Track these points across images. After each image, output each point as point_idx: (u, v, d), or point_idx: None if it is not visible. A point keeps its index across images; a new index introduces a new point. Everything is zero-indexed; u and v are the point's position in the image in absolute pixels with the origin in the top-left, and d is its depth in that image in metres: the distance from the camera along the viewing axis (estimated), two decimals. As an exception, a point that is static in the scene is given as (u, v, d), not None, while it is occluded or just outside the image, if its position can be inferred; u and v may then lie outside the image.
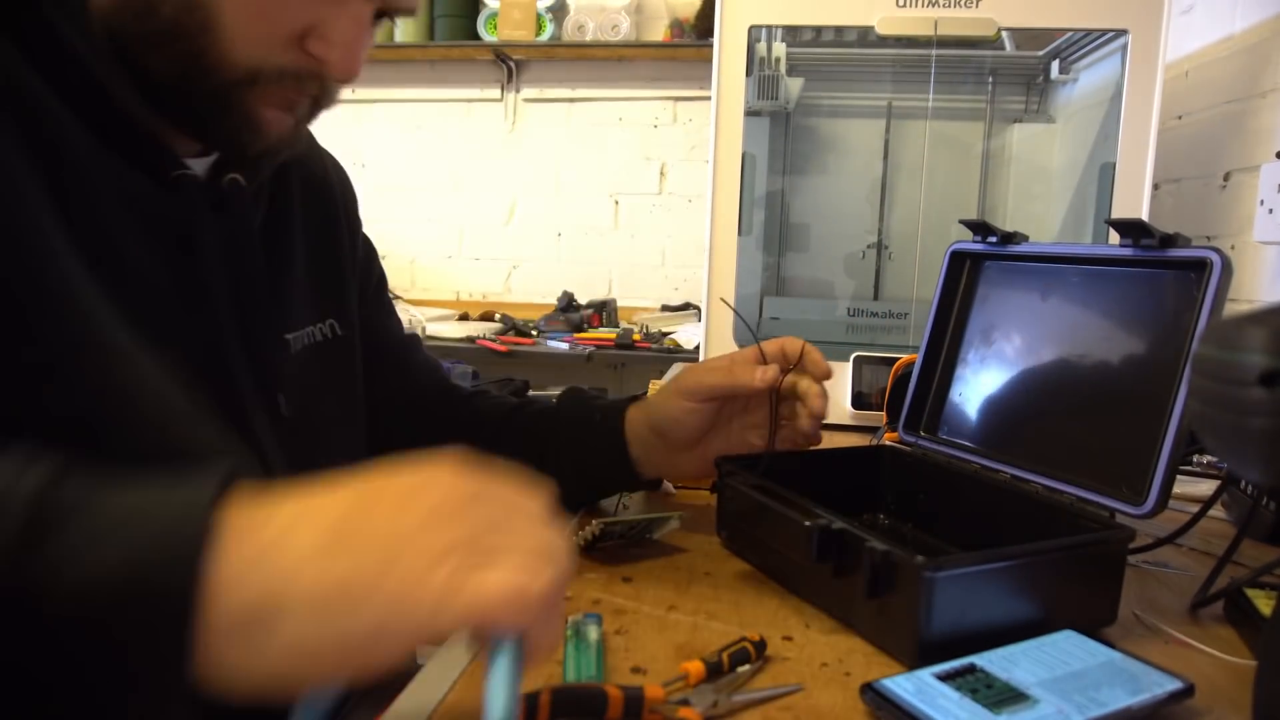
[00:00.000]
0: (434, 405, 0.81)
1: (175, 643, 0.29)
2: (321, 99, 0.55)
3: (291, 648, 0.30)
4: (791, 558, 0.60)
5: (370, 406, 0.72)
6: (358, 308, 0.72)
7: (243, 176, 0.58)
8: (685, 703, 0.45)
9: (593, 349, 2.39)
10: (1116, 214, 1.29)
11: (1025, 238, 0.77)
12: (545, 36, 2.57)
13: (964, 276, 0.81)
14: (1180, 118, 1.59)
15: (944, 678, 0.45)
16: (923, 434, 0.80)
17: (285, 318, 0.63)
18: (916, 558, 0.49)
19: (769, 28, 1.69)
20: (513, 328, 2.61)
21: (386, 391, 0.75)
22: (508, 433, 0.78)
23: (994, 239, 0.78)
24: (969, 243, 0.80)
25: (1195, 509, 0.69)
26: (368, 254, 0.78)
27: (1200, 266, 0.61)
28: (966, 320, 0.81)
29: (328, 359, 0.67)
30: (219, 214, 0.56)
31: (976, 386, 0.78)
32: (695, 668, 0.48)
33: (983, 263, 0.80)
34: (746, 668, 0.49)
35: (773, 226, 1.90)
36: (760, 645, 0.51)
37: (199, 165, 0.56)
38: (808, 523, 0.55)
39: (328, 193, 0.72)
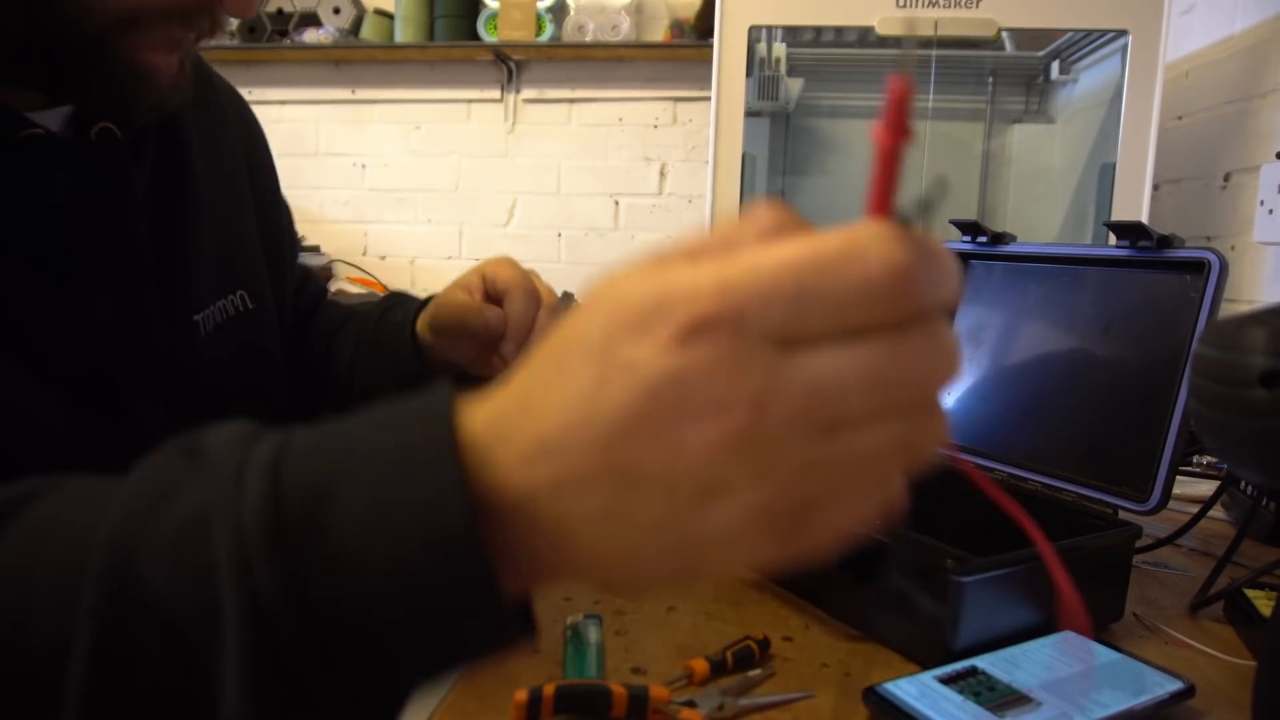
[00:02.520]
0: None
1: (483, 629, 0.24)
2: (209, 33, 0.47)
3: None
4: (806, 563, 0.60)
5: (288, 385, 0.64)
6: (276, 273, 0.63)
7: (116, 126, 0.48)
8: (691, 704, 0.45)
9: (593, 349, 2.39)
10: (1117, 214, 1.29)
11: (1014, 238, 0.77)
12: (545, 37, 2.57)
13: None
14: (1180, 118, 1.59)
15: (946, 680, 0.45)
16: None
17: (191, 297, 0.54)
18: (946, 562, 0.49)
19: (769, 28, 1.69)
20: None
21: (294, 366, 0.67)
22: (334, 348, 0.70)
23: (984, 239, 0.78)
24: (956, 242, 0.80)
25: (1195, 509, 0.69)
26: (283, 207, 0.69)
27: (1198, 267, 0.61)
28: (957, 320, 0.81)
29: (241, 336, 0.58)
30: (89, 180, 0.47)
31: (969, 387, 0.78)
32: (700, 666, 0.48)
33: (969, 262, 0.80)
34: (757, 672, 0.49)
35: (773, 227, 1.90)
36: (764, 644, 0.51)
37: (51, 119, 0.46)
38: None
39: (226, 140, 0.61)
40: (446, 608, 0.23)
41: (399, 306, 0.69)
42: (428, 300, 0.68)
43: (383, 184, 2.92)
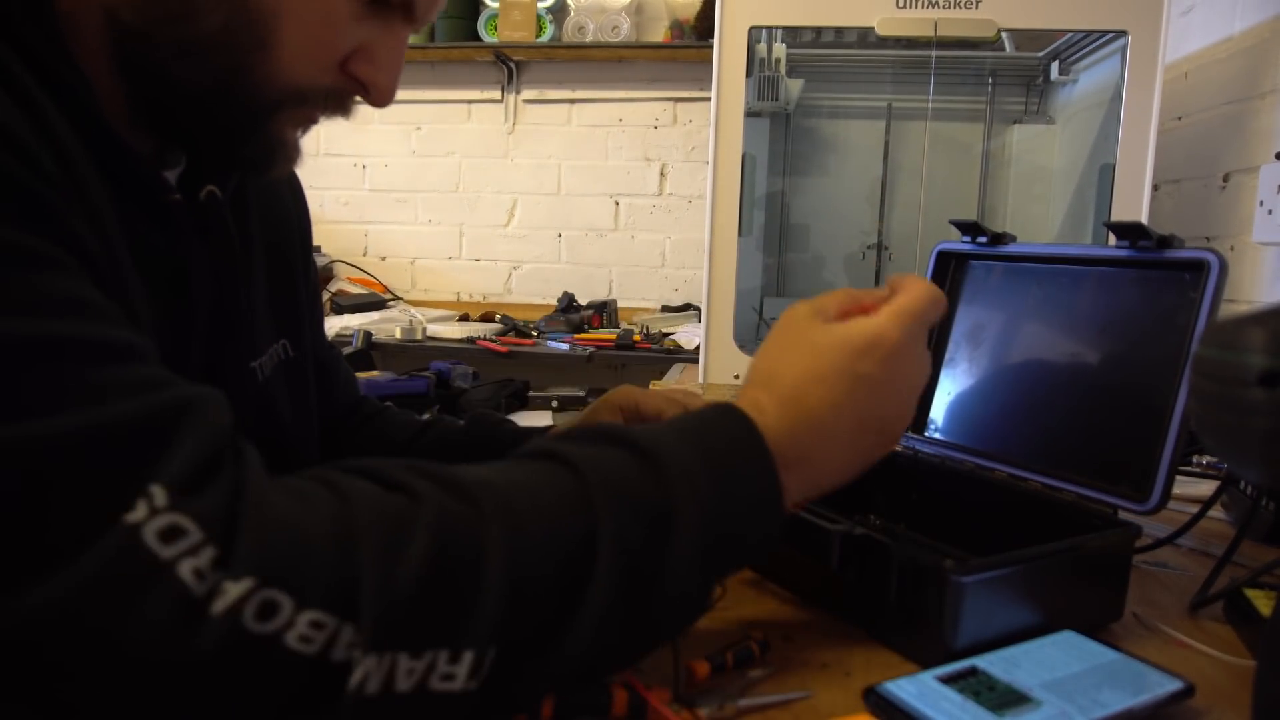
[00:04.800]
0: (345, 422, 0.78)
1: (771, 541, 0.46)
2: (332, 114, 0.52)
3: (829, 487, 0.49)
4: (806, 563, 0.59)
5: None
6: (311, 323, 0.69)
7: (218, 188, 0.53)
8: (691, 704, 0.45)
9: (593, 350, 2.39)
10: (1116, 215, 1.29)
11: (1014, 238, 0.77)
12: (545, 37, 2.57)
13: (950, 276, 0.81)
14: (1180, 118, 1.59)
15: (946, 680, 0.45)
16: (913, 434, 0.80)
17: (252, 345, 0.59)
18: (946, 561, 0.49)
19: (769, 29, 1.69)
20: (513, 329, 2.60)
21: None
22: (414, 454, 0.75)
23: (983, 239, 0.78)
24: (955, 243, 0.80)
25: (1195, 509, 0.69)
26: (311, 262, 0.73)
27: (1198, 268, 0.61)
28: (955, 320, 0.81)
29: (287, 383, 0.63)
30: (202, 239, 0.52)
31: (968, 386, 0.78)
32: (701, 667, 0.48)
33: (968, 262, 0.80)
34: (757, 671, 0.49)
35: (773, 227, 1.90)
36: (764, 645, 0.51)
37: (170, 176, 0.51)
38: (831, 529, 0.54)
39: (279, 200, 0.67)
40: (768, 529, 0.45)
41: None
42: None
43: (383, 184, 2.93)
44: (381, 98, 0.50)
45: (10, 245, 0.34)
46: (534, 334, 2.55)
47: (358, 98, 0.50)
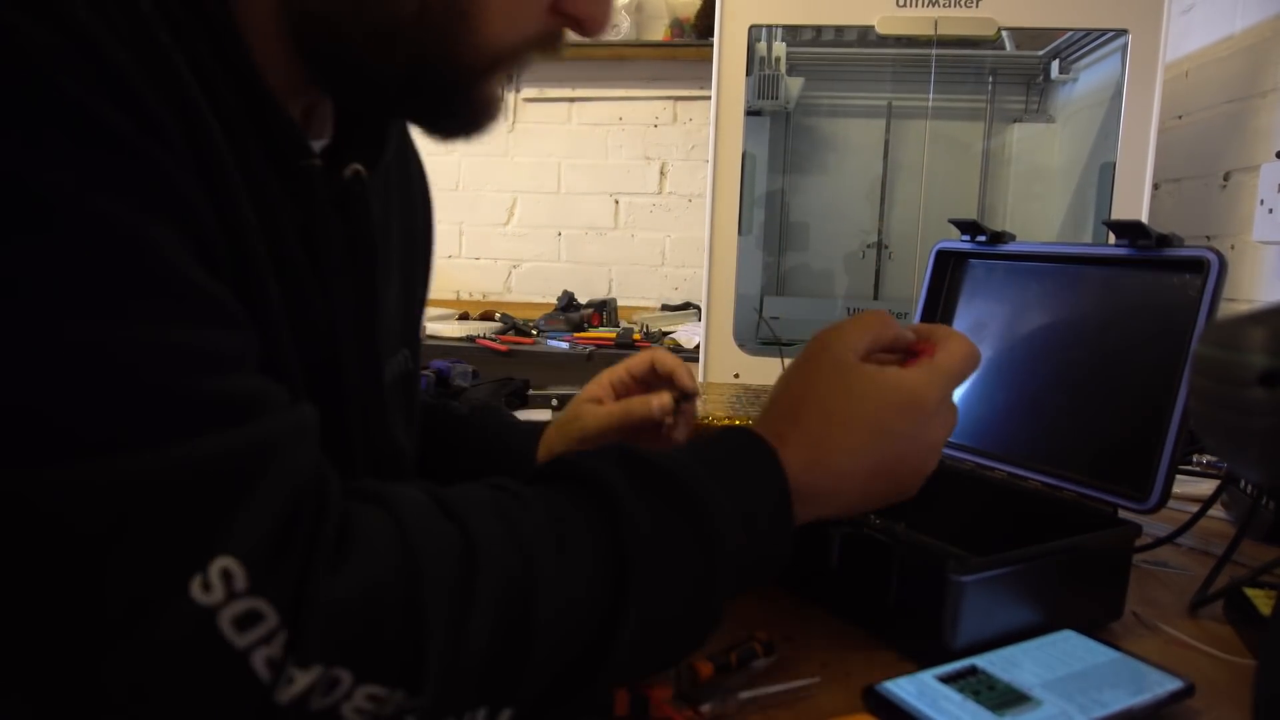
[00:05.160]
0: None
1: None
2: (544, 59, 0.47)
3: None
4: (807, 563, 0.59)
5: None
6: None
7: (364, 167, 0.48)
8: (694, 703, 0.45)
9: (593, 348, 2.39)
10: (1117, 213, 1.29)
11: (1013, 237, 0.77)
12: (545, 36, 2.57)
13: (949, 275, 0.81)
14: (1180, 118, 1.59)
15: (946, 679, 0.45)
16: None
17: (385, 344, 0.54)
18: (946, 561, 0.49)
19: (769, 27, 1.69)
20: (513, 327, 2.60)
21: None
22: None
23: (983, 238, 0.78)
24: (955, 241, 0.80)
25: (1195, 508, 0.69)
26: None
27: (1198, 266, 0.61)
28: (955, 319, 0.81)
29: (404, 395, 0.58)
30: (338, 214, 0.47)
31: (968, 386, 0.78)
32: (704, 666, 0.48)
33: (968, 261, 0.80)
34: (758, 669, 0.49)
35: (773, 226, 1.90)
36: (768, 645, 0.51)
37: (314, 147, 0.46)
38: (831, 529, 0.54)
39: (414, 201, 0.61)
40: (779, 549, 0.46)
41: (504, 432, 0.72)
42: (529, 427, 0.72)
43: (382, 183, 2.92)
44: (597, 27, 0.44)
45: (98, 219, 0.30)
46: (534, 333, 2.55)
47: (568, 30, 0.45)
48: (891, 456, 0.48)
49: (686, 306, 2.68)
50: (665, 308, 2.70)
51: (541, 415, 2.17)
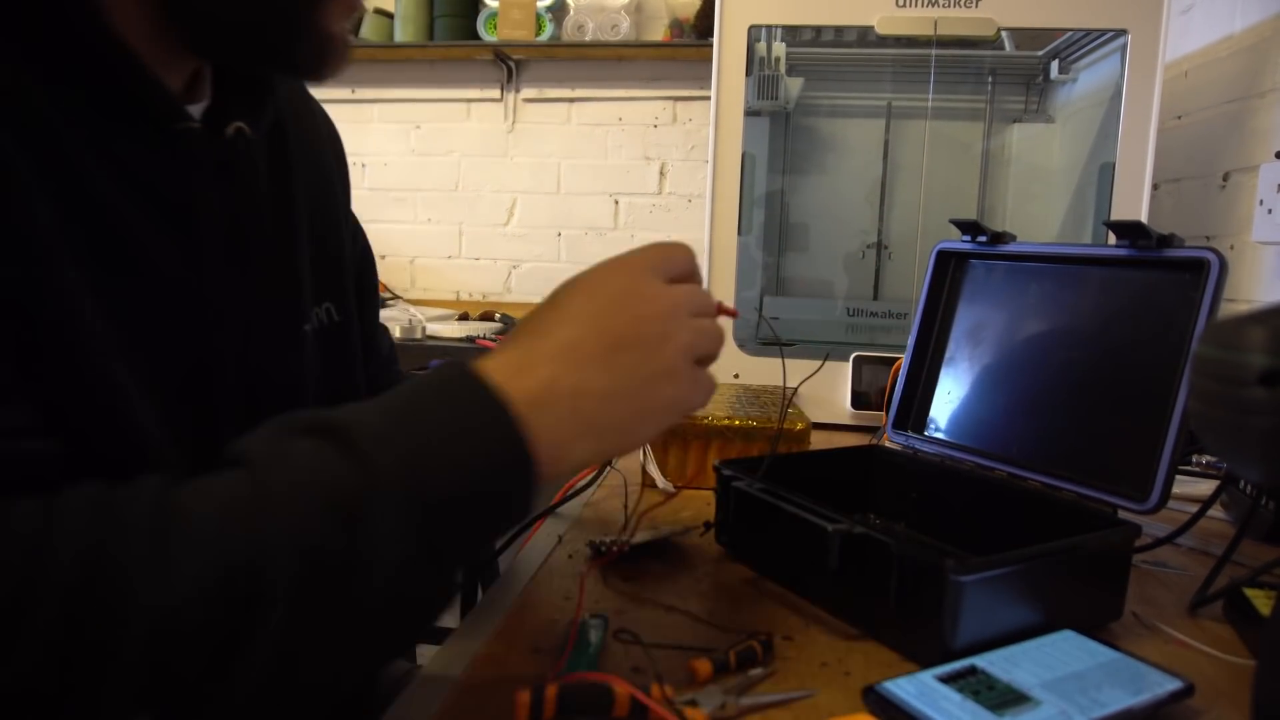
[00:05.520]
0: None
1: (526, 500, 0.39)
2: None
3: (588, 460, 0.42)
4: (806, 563, 0.59)
5: None
6: (354, 291, 0.64)
7: (248, 125, 0.49)
8: (693, 703, 0.45)
9: (592, 349, 2.39)
10: (1116, 214, 1.29)
11: (1014, 237, 0.77)
12: (545, 36, 2.57)
13: (949, 276, 0.81)
14: (1180, 118, 1.59)
15: (945, 679, 0.45)
16: (913, 433, 0.80)
17: (300, 307, 0.55)
18: (946, 561, 0.49)
19: (769, 27, 1.69)
20: (513, 327, 2.60)
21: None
22: None
23: (983, 238, 0.78)
24: (955, 242, 0.80)
25: (1195, 508, 0.69)
26: (358, 229, 0.71)
27: (1198, 267, 0.61)
28: (955, 319, 0.81)
29: (328, 351, 0.58)
30: (222, 177, 0.48)
31: (967, 386, 0.78)
32: (703, 666, 0.48)
33: (968, 261, 0.80)
34: (758, 671, 0.49)
35: (772, 226, 1.90)
36: (767, 645, 0.51)
37: (192, 112, 0.47)
38: (831, 528, 0.54)
39: (321, 154, 0.63)
40: (502, 485, 0.38)
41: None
42: None
43: (382, 183, 2.92)
44: None
45: None
46: (533, 333, 2.55)
47: None
48: (605, 321, 0.43)
49: (686, 307, 2.68)
50: (665, 308, 2.70)
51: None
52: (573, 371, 0.41)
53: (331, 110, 0.68)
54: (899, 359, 1.08)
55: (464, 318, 2.75)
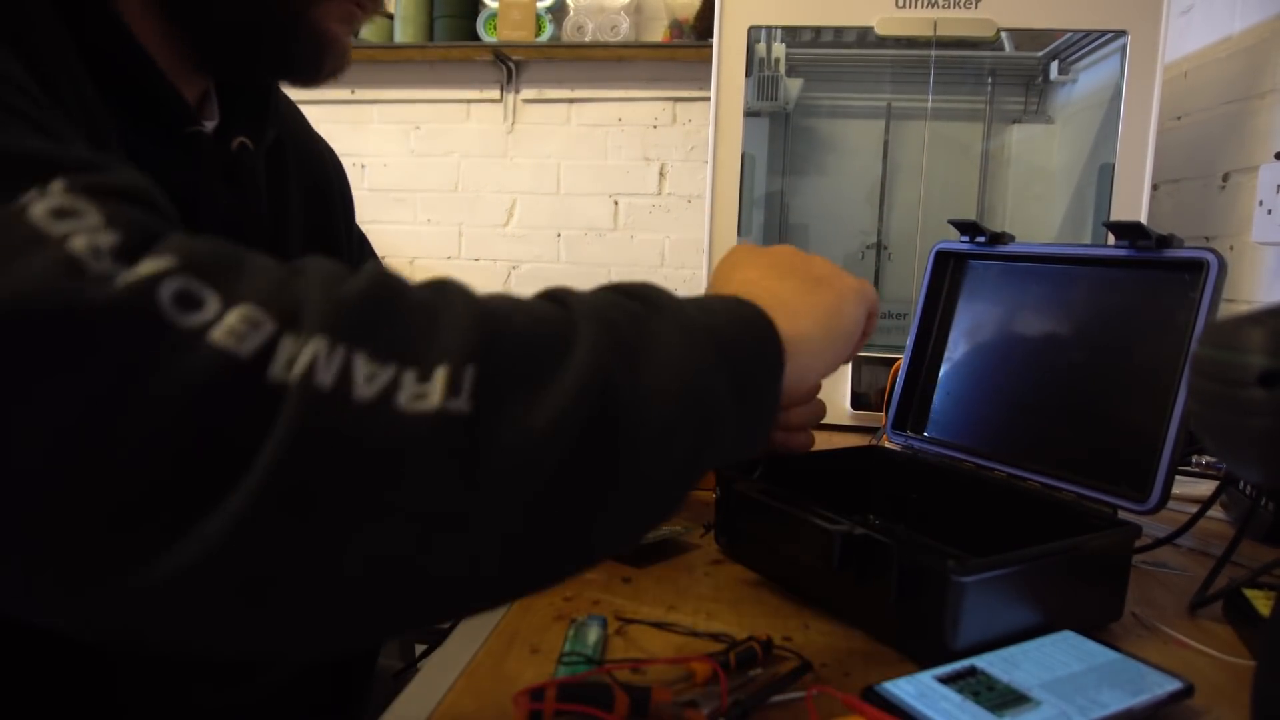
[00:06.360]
0: None
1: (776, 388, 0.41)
2: (369, 8, 0.52)
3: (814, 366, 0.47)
4: (807, 564, 0.59)
5: None
6: None
7: (250, 140, 0.52)
8: (693, 704, 0.45)
9: (592, 349, 2.39)
10: (1116, 214, 1.29)
11: (1012, 238, 0.77)
12: (545, 37, 2.57)
13: (948, 276, 0.81)
14: (1179, 118, 1.59)
15: (945, 680, 0.45)
16: (912, 434, 0.80)
17: None
18: (946, 561, 0.49)
19: (768, 28, 1.69)
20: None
21: None
22: None
23: (982, 239, 0.78)
24: (954, 242, 0.80)
25: (1194, 509, 0.69)
26: (364, 241, 0.74)
27: (1197, 267, 0.61)
28: (954, 320, 0.81)
29: None
30: (226, 185, 0.50)
31: (967, 386, 0.78)
32: (703, 667, 0.48)
33: (967, 262, 0.80)
34: (758, 671, 0.49)
35: (772, 227, 1.90)
36: (767, 645, 0.51)
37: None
38: (832, 529, 0.54)
39: (323, 174, 0.67)
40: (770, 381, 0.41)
41: None
42: None
43: (382, 184, 2.92)
44: None
45: None
46: (533, 334, 2.55)
47: None
48: (797, 266, 0.49)
49: (686, 307, 2.68)
50: (665, 309, 2.70)
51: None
52: (792, 297, 0.46)
53: (331, 110, 0.69)
54: (898, 359, 1.08)
55: (464, 318, 2.75)
